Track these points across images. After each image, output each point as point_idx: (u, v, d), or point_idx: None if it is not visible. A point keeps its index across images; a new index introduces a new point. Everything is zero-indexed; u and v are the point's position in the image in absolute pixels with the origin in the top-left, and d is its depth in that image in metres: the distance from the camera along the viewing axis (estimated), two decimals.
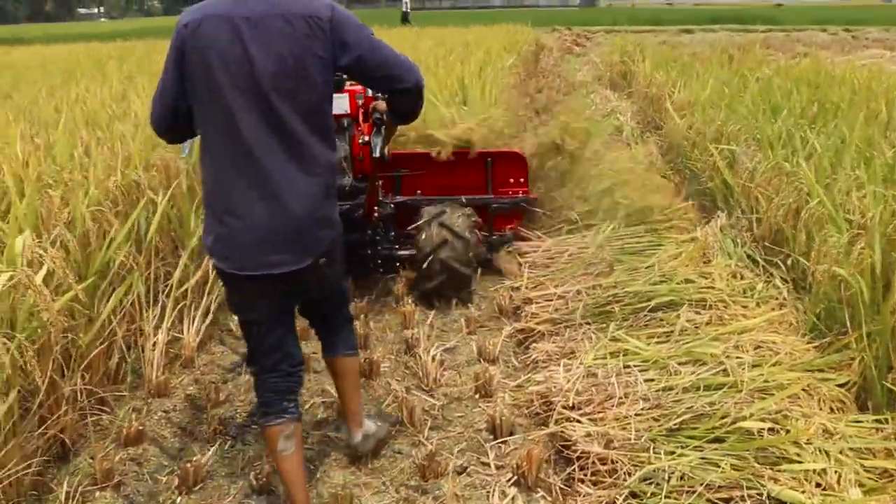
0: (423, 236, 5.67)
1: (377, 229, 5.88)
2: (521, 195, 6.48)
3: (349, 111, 5.17)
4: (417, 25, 32.63)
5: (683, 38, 28.99)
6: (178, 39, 3.07)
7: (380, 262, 5.93)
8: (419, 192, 6.34)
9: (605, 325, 4.70)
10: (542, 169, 6.79)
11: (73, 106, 8.19)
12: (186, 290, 4.99)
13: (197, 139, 3.36)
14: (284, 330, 3.37)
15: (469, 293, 5.87)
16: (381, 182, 6.02)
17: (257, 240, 3.07)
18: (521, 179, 6.50)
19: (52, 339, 3.58)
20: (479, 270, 6.07)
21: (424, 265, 5.64)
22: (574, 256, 5.78)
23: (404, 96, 3.38)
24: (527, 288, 5.52)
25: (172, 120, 3.20)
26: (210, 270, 5.25)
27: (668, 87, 11.02)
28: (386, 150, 4.83)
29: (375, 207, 5.82)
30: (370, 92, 5.11)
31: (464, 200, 6.12)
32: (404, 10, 48.39)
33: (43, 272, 3.54)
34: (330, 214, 3.22)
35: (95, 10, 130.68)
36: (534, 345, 4.80)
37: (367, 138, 4.87)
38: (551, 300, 5.19)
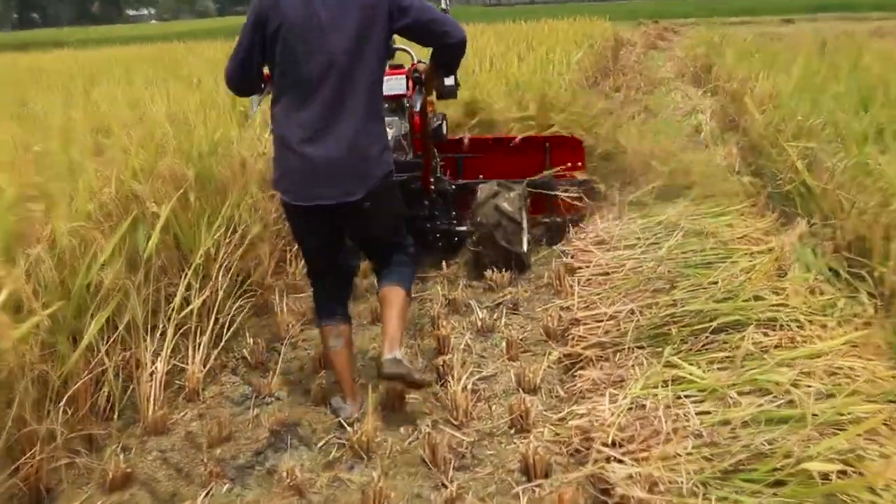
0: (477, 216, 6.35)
1: (436, 204, 6.65)
2: (577, 177, 7.16)
3: (407, 91, 5.80)
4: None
5: (783, 30, 28.47)
6: (258, 9, 4.17)
7: (438, 235, 6.69)
8: (481, 175, 7.05)
9: (659, 349, 4.50)
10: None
11: (86, 112, 8.24)
12: (191, 312, 4.91)
13: (263, 97, 4.58)
14: (334, 252, 4.52)
15: (523, 264, 6.50)
16: (442, 164, 6.88)
17: (311, 175, 4.12)
18: (579, 163, 7.24)
19: (18, 370, 3.50)
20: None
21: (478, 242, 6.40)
22: (633, 271, 5.60)
23: (451, 49, 4.37)
24: (577, 307, 5.35)
25: (243, 72, 4.35)
26: (219, 289, 5.19)
27: (750, 81, 10.77)
28: (444, 129, 6.24)
29: (432, 180, 6.48)
30: (415, 59, 5.70)
31: None
32: (443, 6, 48.60)
33: (2, 297, 3.46)
34: (374, 157, 4.20)
35: (145, 12, 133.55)
36: (580, 372, 4.62)
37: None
38: (602, 321, 5.01)
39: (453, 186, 6.89)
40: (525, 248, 6.51)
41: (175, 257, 5.32)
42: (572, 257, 6.28)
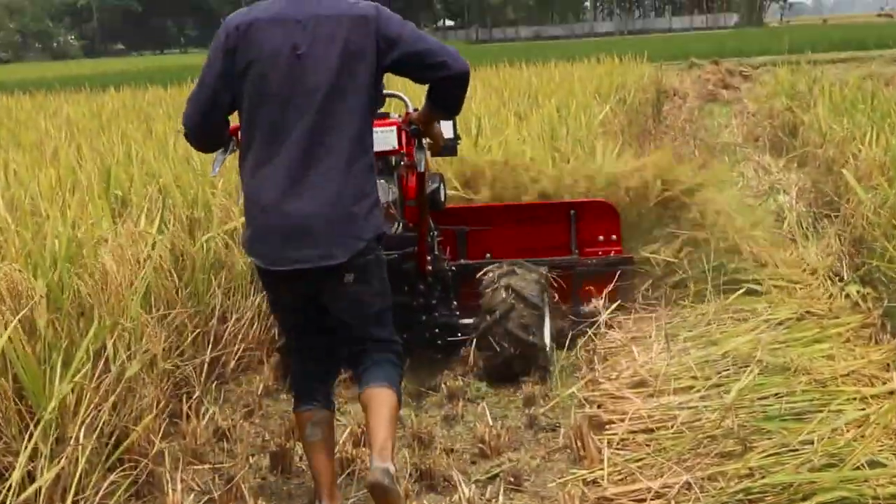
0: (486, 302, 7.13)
1: (433, 291, 7.43)
2: (612, 255, 8.04)
3: (398, 147, 6.56)
4: None
5: None
6: (226, 41, 4.97)
7: (437, 331, 7.46)
8: (489, 254, 7.98)
9: None
10: None
11: None
12: (38, 492, 4.85)
13: (228, 154, 5.45)
14: (316, 326, 5.24)
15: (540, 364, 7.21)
16: (440, 238, 7.63)
17: (286, 235, 4.87)
18: (614, 236, 8.10)
19: None
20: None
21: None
22: (688, 426, 5.60)
23: (449, 84, 5.19)
24: (608, 480, 5.33)
25: (206, 118, 5.14)
26: (81, 458, 5.14)
27: (851, 144, 10.82)
28: (442, 196, 7.13)
29: (429, 259, 7.25)
30: (411, 108, 6.31)
31: None
32: None
33: None
34: (361, 216, 4.94)
35: None
36: None
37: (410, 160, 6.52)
38: (644, 500, 5.00)
39: (453, 268, 7.68)
40: (548, 342, 7.30)
41: (14, 411, 5.27)
42: (599, 406, 6.26)
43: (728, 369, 6.23)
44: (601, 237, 8.06)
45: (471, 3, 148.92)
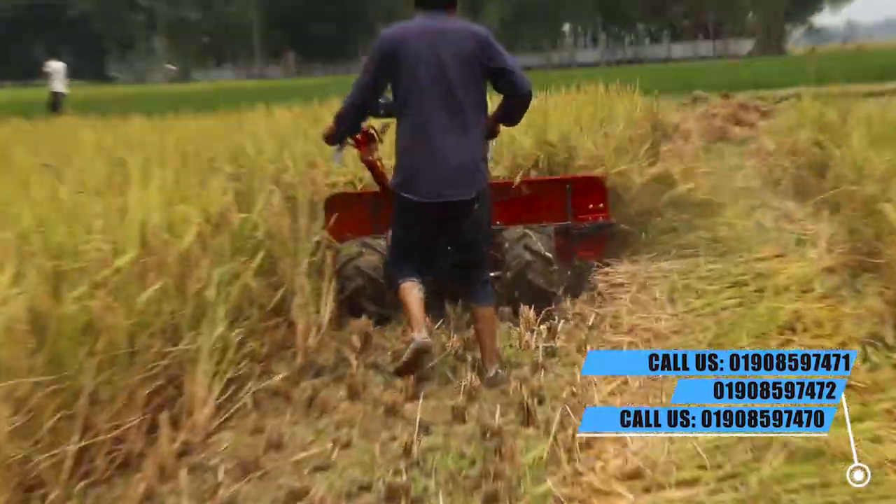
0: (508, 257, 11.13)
1: None
2: (601, 220, 12.06)
3: None
4: (72, 114, 32.96)
5: None
6: (386, 46, 8.99)
7: None
8: (498, 222, 11.52)
9: None
10: None
11: None
12: None
13: (345, 149, 10.09)
14: (432, 248, 9.58)
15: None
16: None
17: (433, 177, 8.89)
18: (601, 205, 12.03)
19: None
20: None
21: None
22: None
23: (516, 100, 9.08)
24: None
25: (365, 96, 9.23)
26: None
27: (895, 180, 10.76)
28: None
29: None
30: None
31: None
32: (54, 90, 47.03)
33: None
34: (480, 165, 9.06)
35: None
36: None
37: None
38: None
39: None
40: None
41: None
42: None
43: (744, 454, 6.16)
44: (591, 206, 11.97)
45: None
